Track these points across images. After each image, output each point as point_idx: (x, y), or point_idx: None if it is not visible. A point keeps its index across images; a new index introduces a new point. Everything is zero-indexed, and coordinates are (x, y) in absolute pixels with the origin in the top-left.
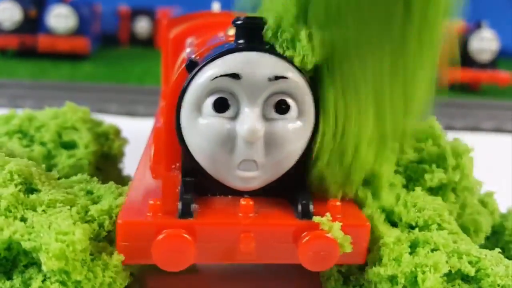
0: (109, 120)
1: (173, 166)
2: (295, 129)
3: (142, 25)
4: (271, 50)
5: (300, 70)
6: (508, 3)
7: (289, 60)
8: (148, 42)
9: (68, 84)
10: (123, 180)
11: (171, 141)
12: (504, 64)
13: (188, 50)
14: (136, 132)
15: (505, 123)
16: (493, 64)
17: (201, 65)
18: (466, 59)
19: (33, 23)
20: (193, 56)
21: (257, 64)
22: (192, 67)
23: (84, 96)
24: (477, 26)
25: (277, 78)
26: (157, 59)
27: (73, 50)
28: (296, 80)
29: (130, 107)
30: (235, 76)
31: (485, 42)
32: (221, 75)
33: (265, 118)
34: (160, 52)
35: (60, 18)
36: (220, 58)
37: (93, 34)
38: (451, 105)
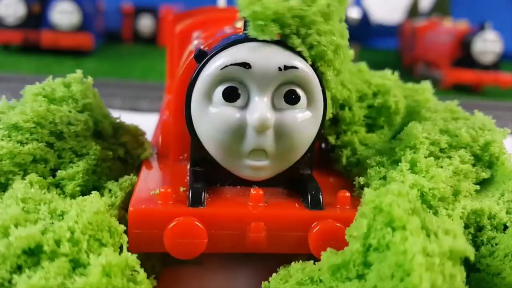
0: (113, 115)
1: (181, 157)
2: (304, 119)
3: (145, 23)
4: (281, 41)
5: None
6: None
7: (298, 51)
8: (151, 40)
9: None
10: None
11: (179, 132)
12: (506, 67)
13: (195, 42)
14: (140, 127)
15: (507, 124)
16: (496, 66)
17: (210, 55)
18: (469, 61)
19: (36, 18)
20: (201, 47)
21: (267, 54)
22: (201, 57)
23: None
24: (481, 27)
25: (287, 68)
26: (160, 56)
27: (77, 46)
28: (306, 70)
29: (133, 102)
30: (245, 65)
31: (489, 44)
32: (231, 64)
33: (275, 108)
34: (165, 47)
35: (64, 14)
36: (230, 48)
37: (97, 30)
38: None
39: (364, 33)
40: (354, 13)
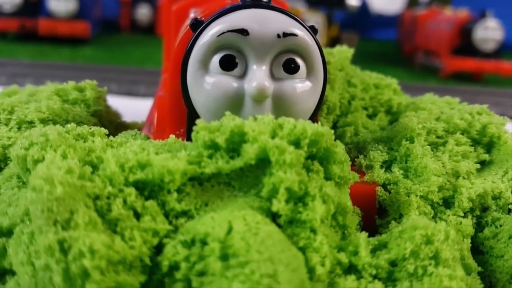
0: (109, 99)
1: (177, 132)
2: (304, 90)
3: (143, 12)
4: (279, 8)
5: (309, 29)
6: None
7: (298, 19)
8: (149, 29)
9: (68, 63)
10: None
11: (175, 106)
12: (507, 56)
13: (192, 15)
14: (137, 112)
15: (508, 110)
16: (497, 54)
17: (206, 22)
18: (470, 49)
19: (33, 6)
20: (198, 17)
21: (265, 20)
22: (197, 26)
23: (84, 75)
24: (482, 15)
25: (286, 35)
26: (158, 45)
27: (74, 34)
28: (305, 38)
29: (130, 87)
30: (243, 31)
31: (490, 32)
32: (228, 31)
33: (274, 77)
34: (163, 35)
35: (61, 2)
36: (227, 15)
37: (94, 18)
38: (455, 92)
39: (363, 23)
40: (353, 0)
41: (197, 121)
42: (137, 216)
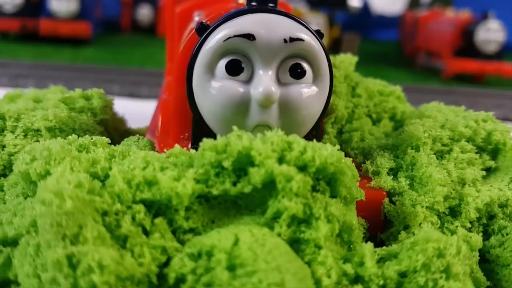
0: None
1: (182, 136)
2: (310, 95)
3: (144, 12)
4: (286, 12)
5: (316, 34)
6: None
7: (305, 24)
8: (150, 30)
9: (69, 64)
10: None
11: (180, 110)
12: (509, 57)
13: (196, 19)
14: (140, 114)
15: (510, 112)
16: (498, 55)
17: (213, 27)
18: (472, 50)
19: (34, 6)
20: (203, 21)
21: (272, 25)
22: (203, 30)
23: (85, 76)
24: (484, 16)
25: (292, 40)
26: (159, 46)
27: (75, 34)
28: (312, 43)
29: (132, 88)
30: (249, 36)
31: (492, 33)
32: (235, 36)
33: (280, 82)
34: (164, 37)
35: (62, 2)
36: (233, 19)
37: (95, 19)
38: (457, 94)
39: (364, 24)
40: (355, 2)
41: (204, 140)
42: (146, 233)
